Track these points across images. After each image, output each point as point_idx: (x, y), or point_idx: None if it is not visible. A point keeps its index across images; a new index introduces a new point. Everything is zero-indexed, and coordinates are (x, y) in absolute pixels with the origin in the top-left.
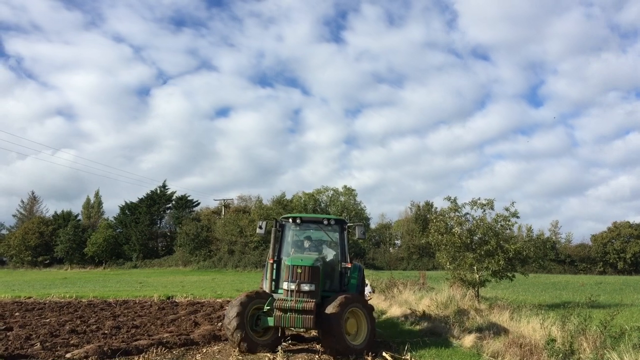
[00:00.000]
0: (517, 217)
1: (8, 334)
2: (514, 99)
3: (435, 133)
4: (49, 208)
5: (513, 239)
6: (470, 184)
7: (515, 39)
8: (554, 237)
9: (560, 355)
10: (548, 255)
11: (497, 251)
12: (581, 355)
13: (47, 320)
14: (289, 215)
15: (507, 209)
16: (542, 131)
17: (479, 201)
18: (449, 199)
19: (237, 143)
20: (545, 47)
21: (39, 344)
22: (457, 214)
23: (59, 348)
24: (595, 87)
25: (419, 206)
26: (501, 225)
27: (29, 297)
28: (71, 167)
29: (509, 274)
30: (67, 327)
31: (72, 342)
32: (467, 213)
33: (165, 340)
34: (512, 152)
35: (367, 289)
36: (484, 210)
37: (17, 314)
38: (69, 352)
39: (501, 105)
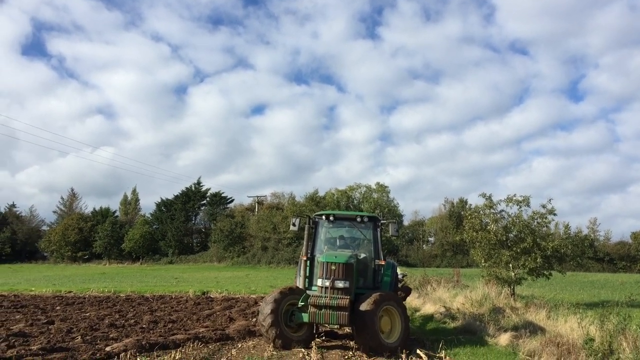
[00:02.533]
0: (554, 215)
1: (50, 327)
2: (553, 94)
3: (471, 129)
4: (88, 204)
5: (550, 237)
6: (507, 180)
7: (555, 32)
8: (592, 235)
9: (599, 355)
10: (586, 253)
11: (533, 249)
12: (620, 355)
13: (87, 314)
14: (322, 212)
15: (543, 206)
16: (582, 126)
17: (514, 198)
18: (484, 195)
19: (272, 140)
20: (586, 41)
21: (79, 337)
22: (492, 210)
23: (98, 341)
24: (637, 81)
25: (452, 203)
26: (538, 223)
27: (69, 292)
28: (109, 165)
29: (545, 272)
30: (107, 321)
31: (111, 335)
32: (503, 210)
33: (201, 335)
34: (550, 148)
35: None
36: (520, 207)
37: (58, 307)
38: (109, 345)
39: (540, 100)
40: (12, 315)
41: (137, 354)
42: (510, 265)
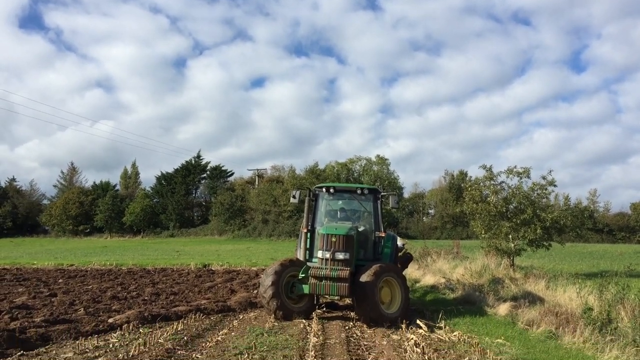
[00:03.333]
0: (554, 186)
1: (53, 299)
2: (556, 65)
3: (472, 101)
4: (88, 178)
5: (550, 208)
6: (508, 153)
7: (558, 2)
8: (592, 206)
9: (598, 324)
10: (585, 224)
11: (533, 220)
12: (619, 324)
13: (90, 286)
14: (322, 184)
15: (544, 178)
16: (584, 98)
17: (514, 169)
18: (484, 167)
19: (272, 113)
20: (589, 10)
21: (82, 309)
22: (492, 182)
23: (101, 313)
24: None
25: (453, 175)
26: (537, 194)
27: (71, 265)
28: (109, 139)
29: (545, 243)
30: (109, 294)
31: (113, 307)
32: (503, 182)
33: (203, 306)
34: (551, 120)
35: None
36: (520, 179)
37: (60, 280)
38: (111, 317)
39: (542, 72)
40: (15, 289)
41: (140, 325)
42: (510, 236)
